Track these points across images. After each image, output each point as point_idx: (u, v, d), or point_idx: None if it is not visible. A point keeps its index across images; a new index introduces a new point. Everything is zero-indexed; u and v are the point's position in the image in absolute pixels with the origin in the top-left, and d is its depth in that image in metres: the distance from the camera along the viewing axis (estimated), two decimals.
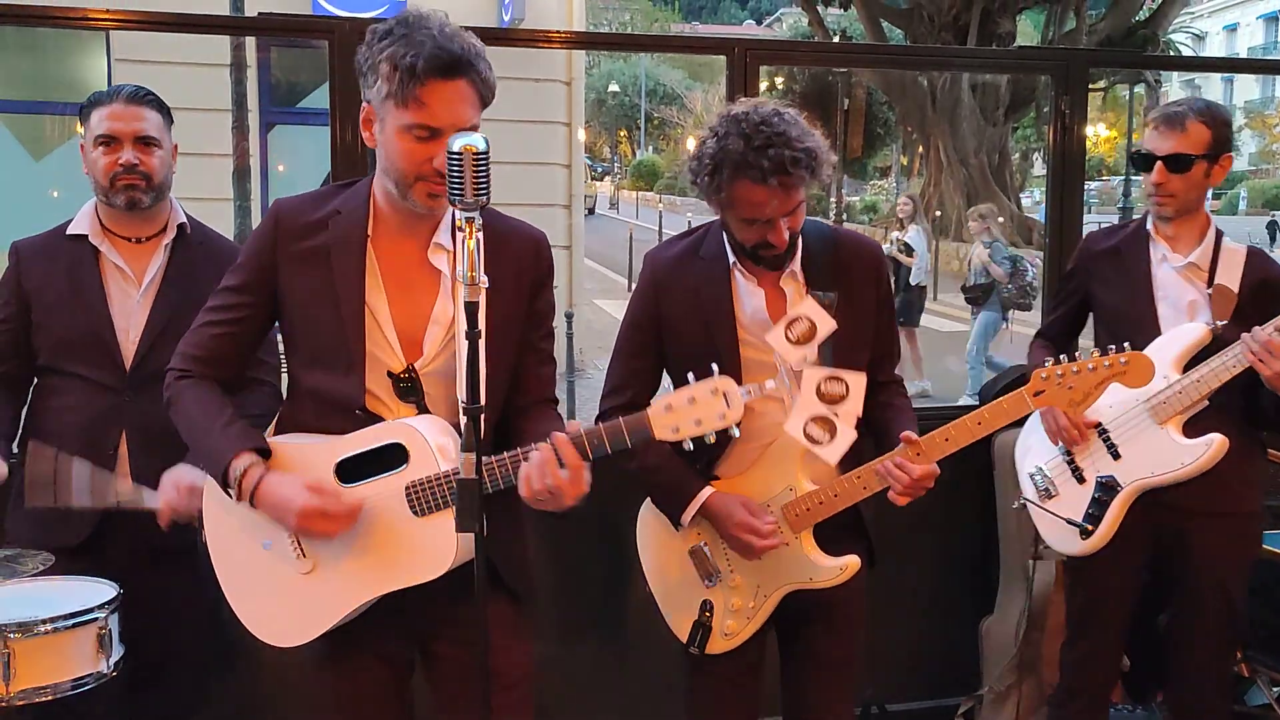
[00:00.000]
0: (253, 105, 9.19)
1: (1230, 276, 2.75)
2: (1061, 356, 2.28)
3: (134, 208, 2.54)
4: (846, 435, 2.20)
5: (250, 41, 8.97)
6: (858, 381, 2.22)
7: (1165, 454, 2.71)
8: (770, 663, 2.52)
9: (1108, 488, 2.74)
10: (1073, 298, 3.02)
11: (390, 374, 2.01)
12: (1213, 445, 2.67)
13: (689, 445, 1.90)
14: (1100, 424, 2.79)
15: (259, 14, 3.46)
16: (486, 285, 2.00)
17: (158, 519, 2.40)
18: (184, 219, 2.65)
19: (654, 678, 3.15)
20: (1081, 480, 2.81)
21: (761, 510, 2.33)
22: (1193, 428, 2.72)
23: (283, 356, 2.30)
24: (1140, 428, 2.74)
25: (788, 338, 2.25)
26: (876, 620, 2.55)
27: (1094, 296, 2.95)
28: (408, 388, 2.01)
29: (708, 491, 2.35)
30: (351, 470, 1.99)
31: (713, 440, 1.89)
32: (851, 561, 2.35)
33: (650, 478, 2.40)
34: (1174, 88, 49.27)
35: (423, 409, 2.02)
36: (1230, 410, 2.73)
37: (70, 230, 2.59)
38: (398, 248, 2.05)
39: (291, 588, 2.03)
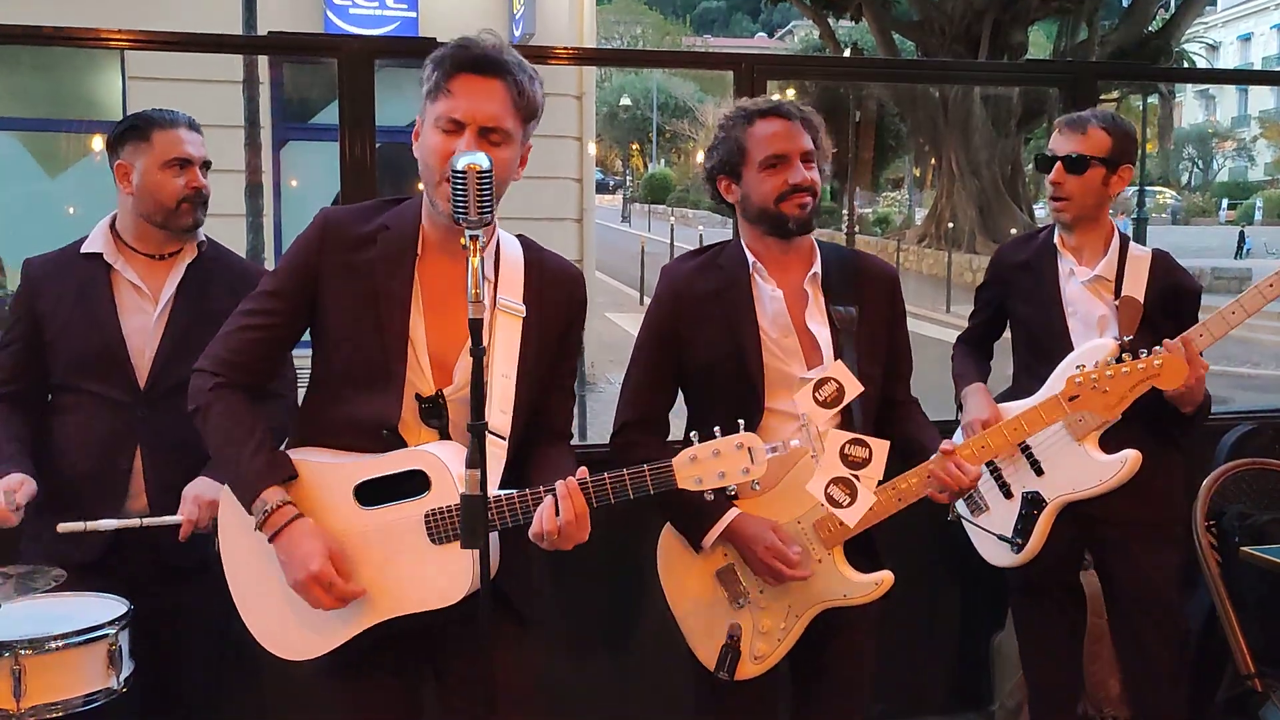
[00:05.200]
0: (265, 122, 9.24)
1: (1136, 286, 2.77)
2: (1095, 361, 2.30)
3: (196, 228, 2.61)
4: (866, 499, 2.20)
5: (263, 59, 9.04)
6: (880, 447, 2.21)
7: (1084, 471, 2.73)
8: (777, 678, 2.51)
9: (1033, 502, 2.76)
10: (990, 307, 3.09)
11: (418, 396, 2.00)
12: (1127, 461, 2.69)
13: (710, 496, 1.93)
14: (1024, 440, 2.78)
15: (270, 33, 3.49)
16: (525, 315, 2.01)
17: (178, 534, 2.44)
18: (202, 237, 2.68)
19: (665, 696, 3.14)
20: (1008, 495, 2.84)
21: (790, 538, 2.31)
22: (1110, 439, 2.73)
23: (300, 370, 2.30)
24: (1060, 444, 2.76)
25: (816, 399, 2.26)
26: (887, 636, 2.54)
27: (1010, 310, 2.99)
28: (432, 411, 2.00)
29: (734, 513, 2.32)
30: (369, 493, 1.99)
31: (733, 493, 1.93)
32: (886, 577, 2.33)
33: (672, 496, 2.38)
34: (1188, 98, 49.23)
35: (444, 434, 2.01)
36: (1143, 422, 2.70)
37: (85, 248, 2.60)
38: (441, 271, 2.04)
39: (304, 604, 2.02)
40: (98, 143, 9.60)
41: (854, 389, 2.25)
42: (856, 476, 2.19)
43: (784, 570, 2.28)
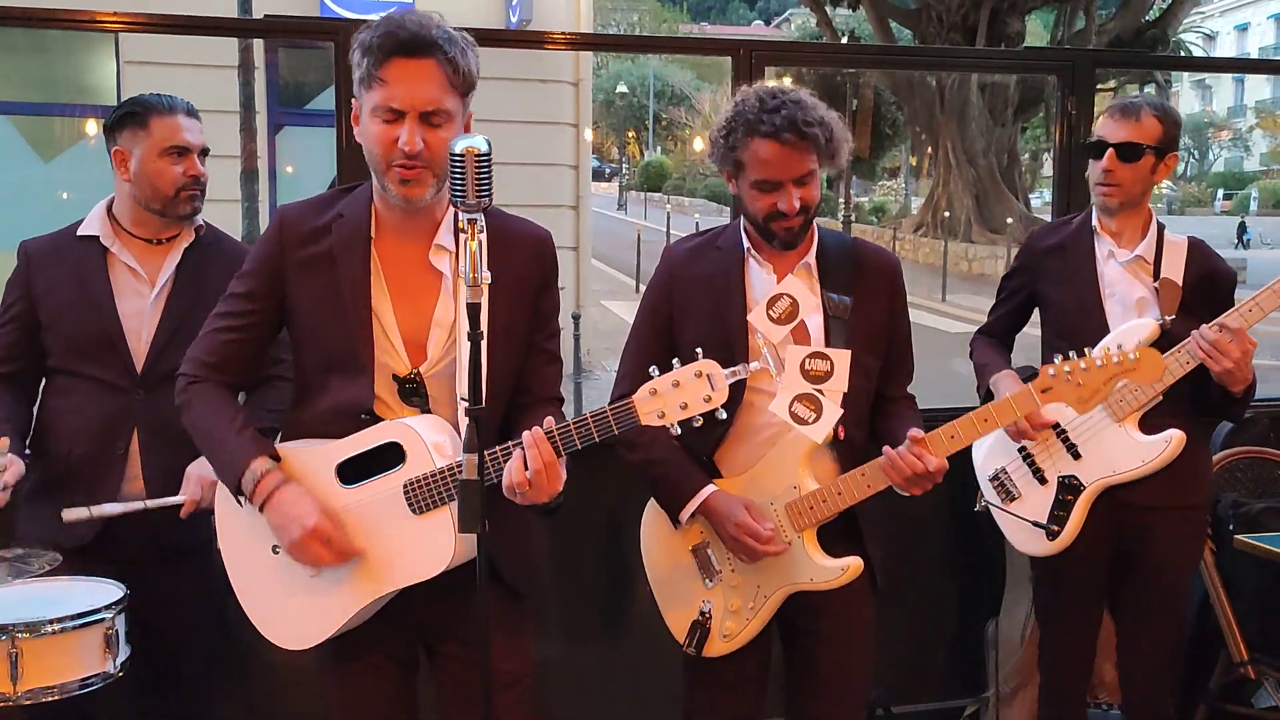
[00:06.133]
0: (261, 107, 9.22)
1: (1174, 270, 2.76)
2: (1070, 353, 2.28)
3: (194, 215, 2.60)
4: (832, 412, 2.17)
5: (258, 43, 8.99)
6: (842, 358, 2.20)
7: (1126, 452, 2.72)
8: (773, 663, 2.51)
9: (1070, 487, 2.75)
10: (1017, 295, 3.03)
11: (395, 378, 2.01)
12: (1172, 441, 2.69)
13: (676, 430, 1.89)
14: (1058, 424, 2.77)
15: (265, 16, 3.48)
16: (490, 281, 2.02)
17: (180, 512, 2.45)
18: (200, 221, 2.67)
19: (659, 678, 3.15)
20: (1043, 481, 2.81)
21: (762, 515, 2.31)
22: (1146, 423, 2.73)
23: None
24: (1099, 426, 2.74)
25: (769, 316, 2.25)
26: (883, 622, 2.54)
27: (1041, 294, 2.95)
28: (411, 391, 2.01)
29: (709, 489, 2.34)
30: (351, 473, 2.00)
31: (699, 424, 1.88)
32: (854, 563, 2.32)
33: (653, 471, 2.39)
34: (1184, 88, 49.16)
35: (425, 411, 2.02)
36: (1180, 403, 2.73)
37: (81, 231, 2.60)
38: (400, 250, 2.05)
39: (300, 591, 2.04)
40: (92, 127, 9.55)
41: (809, 303, 2.24)
42: (820, 391, 2.17)
43: (755, 546, 2.28)
